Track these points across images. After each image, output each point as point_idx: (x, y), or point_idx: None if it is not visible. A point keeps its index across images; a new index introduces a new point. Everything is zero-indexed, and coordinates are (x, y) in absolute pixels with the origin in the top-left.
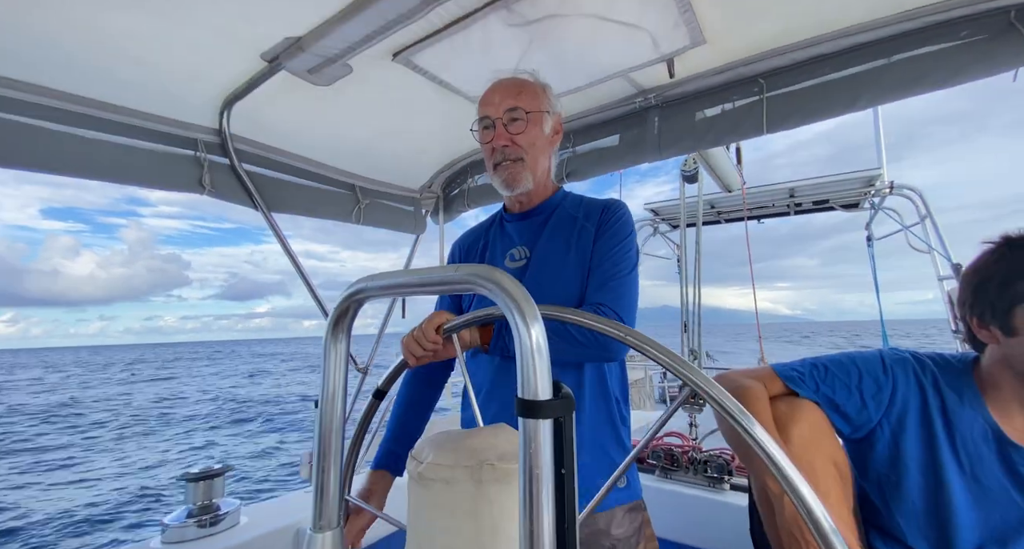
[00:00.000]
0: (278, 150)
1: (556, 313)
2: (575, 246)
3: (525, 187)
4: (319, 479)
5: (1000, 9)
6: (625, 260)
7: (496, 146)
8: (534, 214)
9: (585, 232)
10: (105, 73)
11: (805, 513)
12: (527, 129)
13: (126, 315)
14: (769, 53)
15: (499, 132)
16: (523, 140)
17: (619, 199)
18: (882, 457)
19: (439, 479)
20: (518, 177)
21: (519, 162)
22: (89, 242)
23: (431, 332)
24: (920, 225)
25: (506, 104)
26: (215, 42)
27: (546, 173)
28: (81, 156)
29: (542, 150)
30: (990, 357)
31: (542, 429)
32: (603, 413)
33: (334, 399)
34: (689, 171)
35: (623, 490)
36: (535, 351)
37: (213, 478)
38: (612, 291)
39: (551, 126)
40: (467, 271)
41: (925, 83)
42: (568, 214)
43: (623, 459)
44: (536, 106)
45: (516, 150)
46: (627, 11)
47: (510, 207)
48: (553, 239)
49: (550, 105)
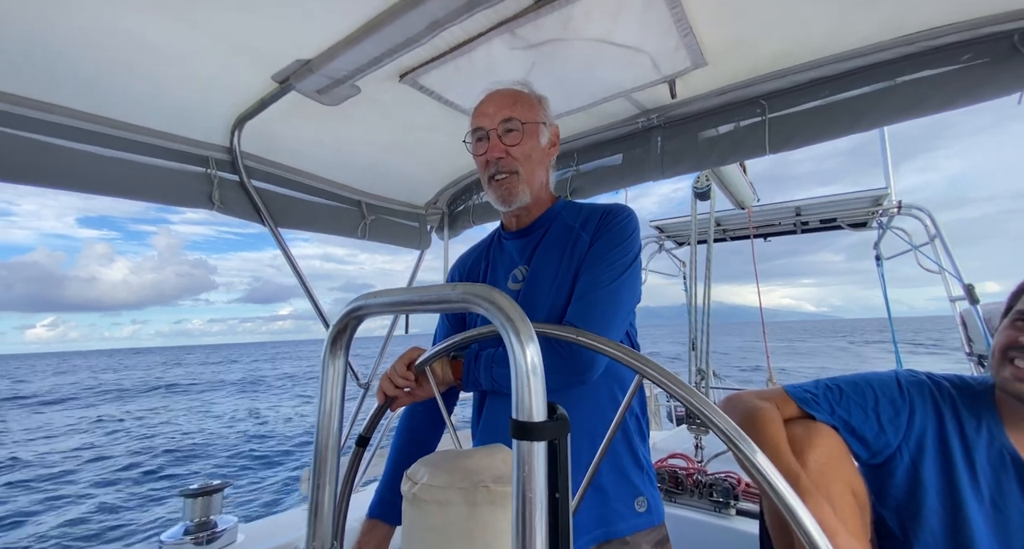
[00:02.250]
0: (287, 167)
1: (548, 330)
2: (567, 259)
3: (522, 201)
4: (314, 498)
5: (1003, 33)
6: (611, 268)
7: (490, 158)
8: (533, 230)
9: (580, 242)
10: (119, 92)
11: (807, 542)
12: (523, 140)
13: (157, 319)
14: (770, 75)
15: (493, 144)
16: (518, 152)
17: (622, 203)
18: (901, 484)
19: (433, 501)
20: (514, 191)
21: (514, 175)
22: (122, 249)
23: (402, 369)
24: (930, 245)
25: (501, 115)
26: (228, 64)
27: (544, 186)
28: (93, 173)
29: (539, 162)
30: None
31: (536, 452)
32: (626, 432)
33: (331, 417)
34: (701, 188)
35: (644, 514)
36: (530, 371)
37: (211, 494)
38: (586, 305)
39: (548, 138)
40: (464, 290)
41: (928, 106)
42: (565, 225)
43: (643, 481)
44: (532, 117)
45: (511, 162)
46: (628, 35)
47: (507, 224)
48: (547, 254)
49: (546, 116)
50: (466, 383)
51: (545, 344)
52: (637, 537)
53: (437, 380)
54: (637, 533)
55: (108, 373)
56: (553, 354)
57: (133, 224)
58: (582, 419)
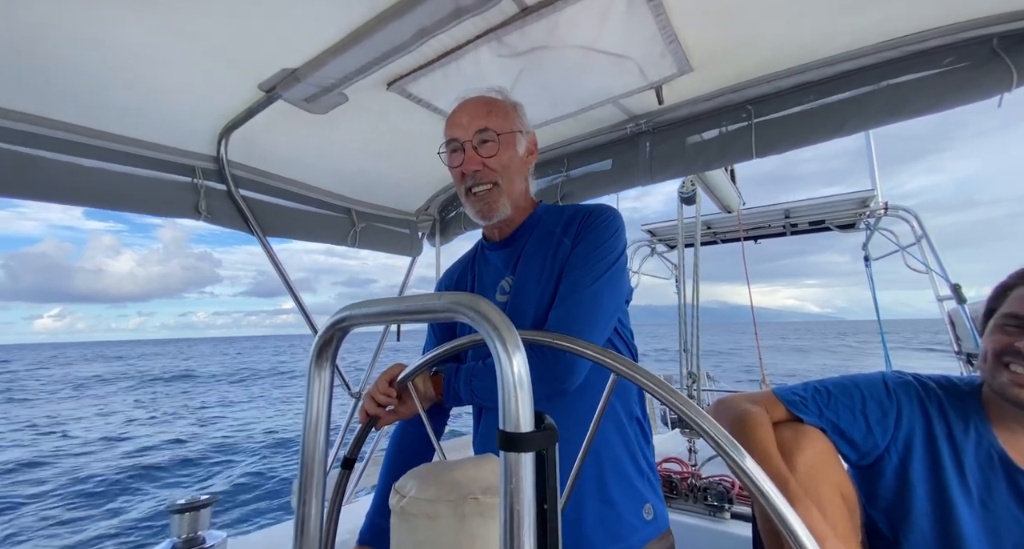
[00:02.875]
0: (275, 176)
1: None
2: (549, 264)
3: (502, 215)
4: (300, 513)
5: (982, 37)
6: (592, 270)
7: (466, 171)
8: (515, 239)
9: (562, 247)
10: (104, 103)
11: (794, 544)
12: (500, 151)
13: (162, 311)
14: (756, 81)
15: (469, 155)
16: (496, 163)
17: (604, 204)
18: (889, 484)
19: (421, 514)
20: (494, 205)
21: (495, 188)
22: (128, 241)
23: (384, 386)
24: (917, 246)
25: (475, 125)
26: (214, 73)
27: (523, 194)
28: (77, 185)
29: (517, 172)
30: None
31: (524, 463)
32: (626, 438)
33: (317, 430)
34: (687, 193)
35: (652, 522)
36: (517, 381)
37: (199, 509)
38: (568, 308)
39: (525, 146)
40: (450, 299)
41: (911, 109)
42: (546, 231)
43: (648, 488)
44: (508, 126)
45: (489, 174)
46: (614, 42)
47: (489, 235)
48: (530, 262)
49: (522, 124)
50: (447, 399)
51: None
52: (649, 547)
53: (420, 396)
54: (649, 542)
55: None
56: (533, 362)
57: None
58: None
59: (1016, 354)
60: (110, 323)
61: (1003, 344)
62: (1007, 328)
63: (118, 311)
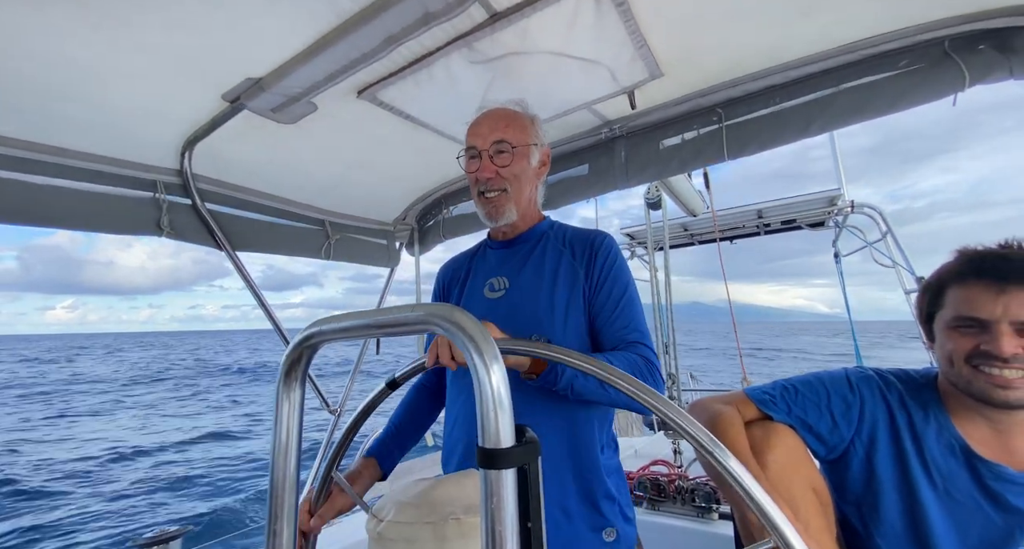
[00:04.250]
0: (243, 188)
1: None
2: (560, 278)
3: (508, 219)
4: (271, 542)
5: (935, 39)
6: (634, 297)
7: (480, 177)
8: (518, 243)
9: (573, 267)
10: (59, 117)
11: (784, 545)
12: (513, 162)
13: (172, 304)
14: (724, 84)
15: (485, 164)
16: (508, 172)
17: (603, 231)
18: (857, 477)
19: (400, 539)
20: (501, 209)
21: (503, 193)
22: None
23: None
24: (883, 241)
25: (494, 136)
26: (174, 83)
27: (531, 203)
28: (31, 204)
29: (528, 182)
30: (938, 370)
31: (505, 480)
32: (591, 458)
33: (287, 453)
34: (652, 198)
35: (611, 544)
36: (495, 395)
37: (167, 542)
38: (637, 329)
39: (538, 158)
40: (424, 311)
41: (871, 110)
42: (554, 245)
43: (614, 512)
44: (523, 140)
45: (500, 182)
46: (584, 48)
47: (494, 235)
48: (534, 271)
49: (538, 137)
50: (543, 378)
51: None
52: None
53: (511, 363)
54: None
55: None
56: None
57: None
58: (552, 439)
59: (985, 356)
60: (121, 315)
61: (968, 348)
62: (963, 330)
63: (129, 303)
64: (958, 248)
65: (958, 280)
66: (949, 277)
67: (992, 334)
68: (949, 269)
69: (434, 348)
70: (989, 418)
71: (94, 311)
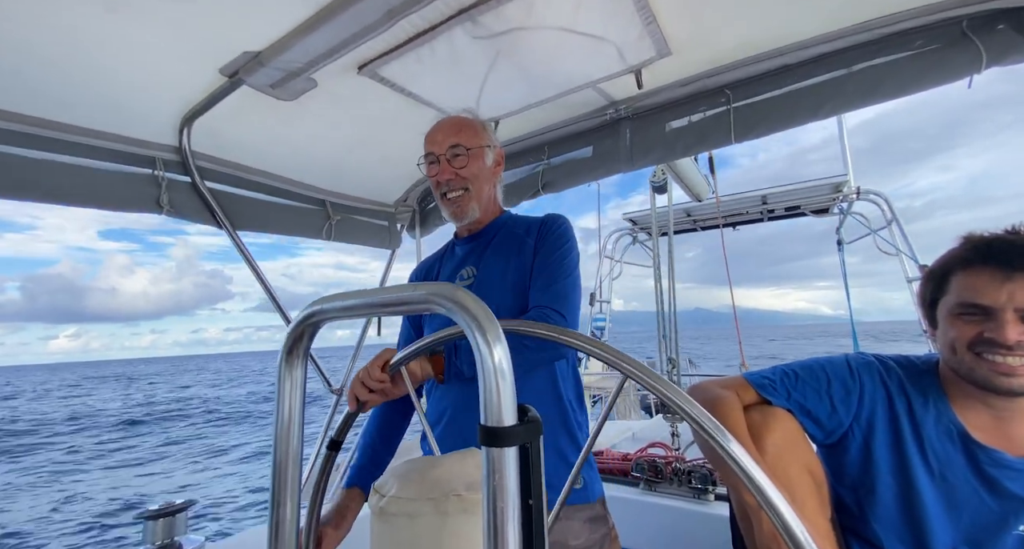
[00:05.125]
0: (243, 167)
1: (518, 327)
2: (515, 260)
3: (472, 216)
4: (275, 515)
5: (952, 19)
6: (564, 265)
7: (441, 179)
8: (481, 236)
9: (526, 246)
10: (55, 91)
11: (782, 528)
12: (469, 163)
13: (174, 328)
14: (733, 65)
15: (443, 167)
16: (466, 172)
17: (558, 213)
18: (855, 462)
19: (402, 514)
20: (465, 208)
21: (466, 193)
22: (141, 260)
23: (376, 371)
24: (887, 229)
25: (448, 141)
26: (171, 57)
27: (491, 200)
28: (26, 179)
29: (486, 180)
30: (940, 356)
31: (507, 458)
32: (557, 418)
33: (290, 429)
34: (658, 182)
35: (577, 491)
36: (498, 373)
37: (174, 514)
38: (554, 293)
39: (493, 158)
40: (427, 290)
41: (884, 91)
42: (512, 232)
43: (586, 463)
44: (476, 142)
45: (460, 181)
46: (592, 23)
47: (459, 233)
48: (496, 256)
49: (490, 139)
50: (448, 376)
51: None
52: (570, 511)
53: (415, 378)
54: (570, 506)
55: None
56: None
57: (152, 236)
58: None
59: (989, 343)
60: (123, 341)
61: (971, 335)
62: (967, 317)
63: (131, 329)
64: (963, 234)
65: (964, 266)
66: (954, 263)
67: (997, 321)
68: (955, 255)
69: (352, 396)
70: (990, 405)
71: (97, 338)
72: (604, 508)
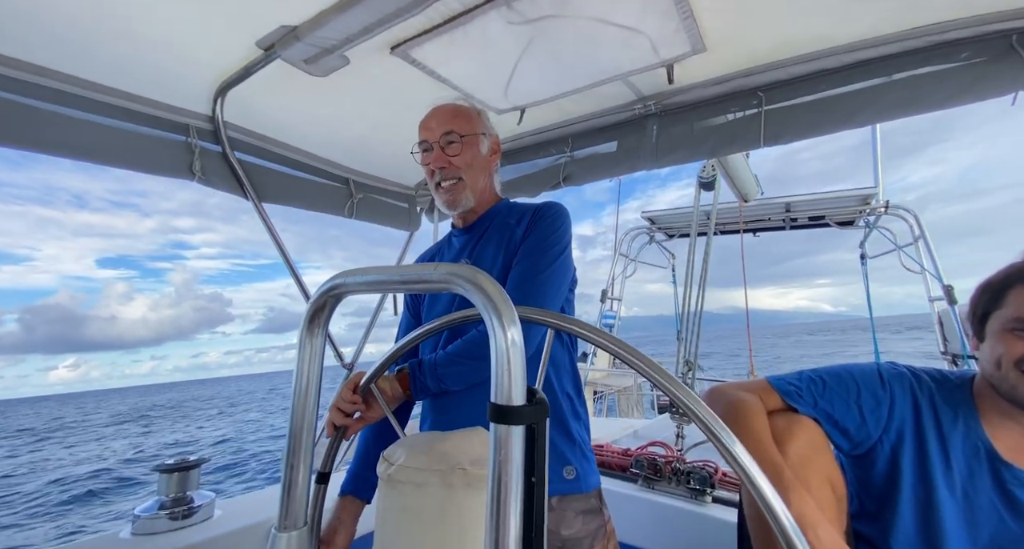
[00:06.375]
0: (271, 140)
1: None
2: (503, 250)
3: (465, 206)
4: (287, 476)
5: (1002, 32)
6: (544, 258)
7: (434, 167)
8: (476, 227)
9: (515, 236)
10: (94, 52)
11: (779, 533)
12: (463, 151)
13: (175, 354)
14: (769, 65)
15: (436, 154)
16: (459, 161)
17: (554, 201)
18: (881, 474)
19: (410, 482)
20: (458, 197)
21: (459, 182)
22: (140, 287)
23: (348, 394)
24: (913, 246)
25: (442, 129)
26: (210, 27)
27: (487, 189)
28: (68, 136)
29: (481, 169)
30: (979, 371)
31: (514, 436)
32: (558, 408)
33: (307, 396)
34: (707, 178)
35: (571, 481)
36: (511, 354)
37: (188, 470)
38: (523, 292)
39: (488, 146)
40: (446, 270)
41: (924, 103)
42: (504, 222)
43: (573, 452)
44: (470, 129)
45: (454, 170)
46: (628, 15)
47: (456, 223)
48: (486, 248)
49: (486, 127)
50: (416, 393)
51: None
52: (563, 502)
53: (388, 397)
54: (563, 497)
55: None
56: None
57: (150, 262)
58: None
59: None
60: (124, 369)
61: (1021, 352)
62: (1020, 333)
63: (132, 357)
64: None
65: (1021, 278)
66: (1016, 276)
67: None
68: (1017, 267)
69: (329, 423)
70: (1022, 423)
71: (97, 368)
72: (600, 501)
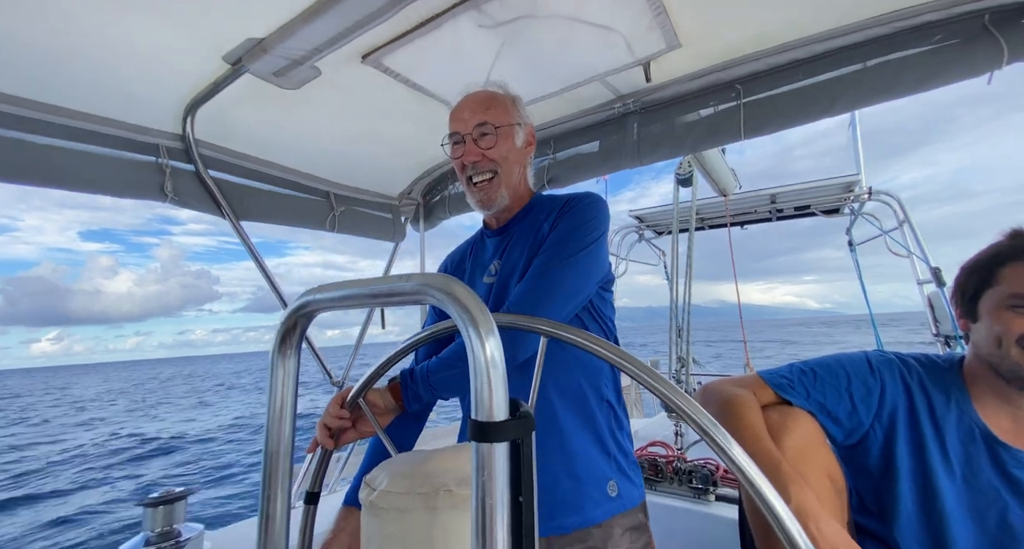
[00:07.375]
0: (246, 156)
1: (513, 322)
2: (528, 250)
3: (501, 204)
4: (265, 509)
5: (974, 12)
6: (562, 252)
7: (466, 162)
8: (509, 226)
9: (542, 232)
10: (57, 74)
11: (779, 529)
12: (498, 143)
13: (160, 330)
14: (745, 58)
15: (469, 148)
16: (494, 154)
17: (588, 192)
18: (876, 463)
19: (392, 508)
20: (494, 196)
21: (494, 178)
22: (125, 261)
23: (335, 409)
24: (899, 230)
25: (475, 119)
26: (174, 44)
27: (522, 184)
28: (34, 163)
29: (516, 162)
30: (969, 352)
31: (497, 454)
32: (593, 419)
33: (282, 420)
34: (684, 175)
35: (615, 499)
36: (490, 366)
37: (174, 502)
38: (528, 285)
39: (523, 138)
40: (419, 281)
41: (901, 87)
42: (534, 219)
43: (614, 468)
44: (506, 120)
45: (487, 163)
46: (599, 13)
47: (488, 223)
48: (515, 248)
49: (521, 117)
50: (408, 403)
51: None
52: (611, 522)
53: (379, 410)
54: (613, 517)
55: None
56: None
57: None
58: (556, 413)
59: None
60: (108, 344)
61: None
62: (1020, 309)
63: (116, 332)
64: (1011, 227)
65: (1018, 256)
66: (1007, 253)
67: None
68: (1006, 245)
69: (315, 441)
70: (1018, 405)
71: (80, 341)
72: (645, 515)
